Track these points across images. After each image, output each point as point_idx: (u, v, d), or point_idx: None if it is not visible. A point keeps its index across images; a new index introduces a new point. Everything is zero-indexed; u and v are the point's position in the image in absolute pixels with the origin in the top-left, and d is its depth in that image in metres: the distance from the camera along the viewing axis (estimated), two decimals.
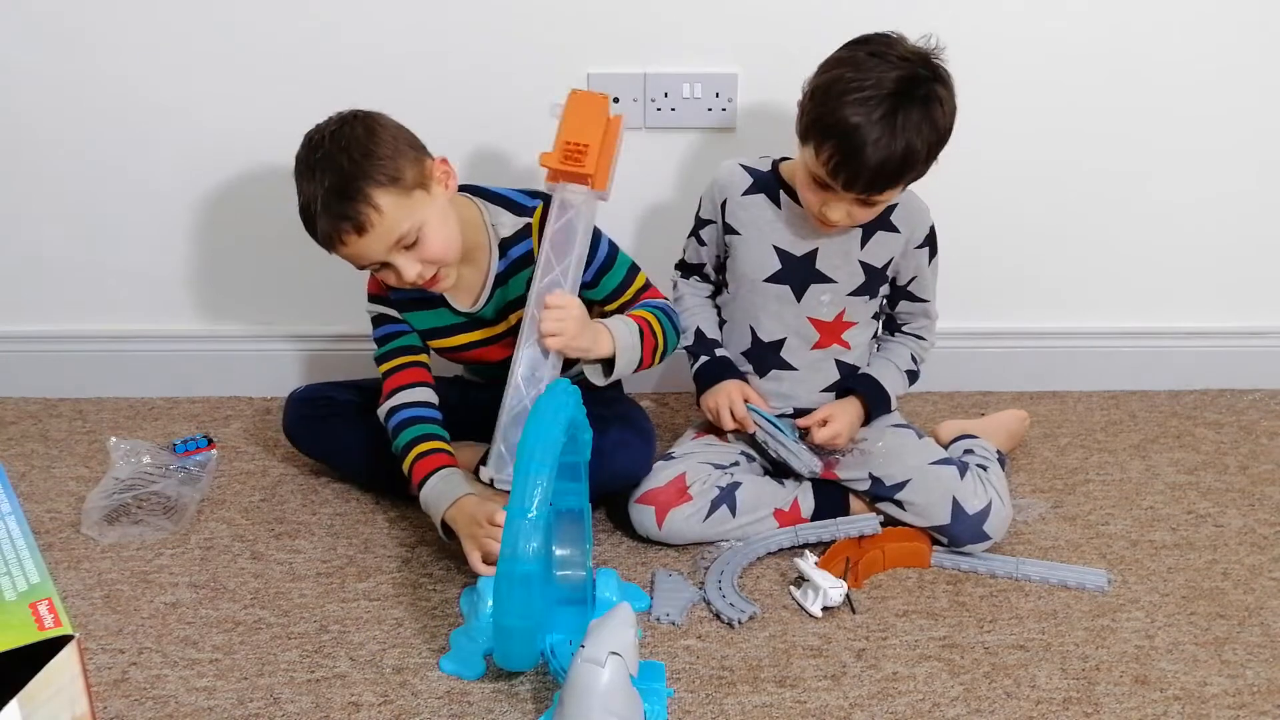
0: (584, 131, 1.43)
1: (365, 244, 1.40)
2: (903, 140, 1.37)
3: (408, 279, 1.43)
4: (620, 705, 1.14)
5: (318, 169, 1.39)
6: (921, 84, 1.39)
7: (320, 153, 1.40)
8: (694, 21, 1.76)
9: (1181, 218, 1.93)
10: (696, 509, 1.52)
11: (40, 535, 1.56)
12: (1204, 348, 2.00)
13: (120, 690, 1.28)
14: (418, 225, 1.41)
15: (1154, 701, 1.27)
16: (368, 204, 1.37)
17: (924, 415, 1.88)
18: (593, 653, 1.14)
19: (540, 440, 1.21)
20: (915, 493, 1.53)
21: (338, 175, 1.38)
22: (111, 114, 1.80)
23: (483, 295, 1.53)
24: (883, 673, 1.32)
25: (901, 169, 1.40)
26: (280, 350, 1.94)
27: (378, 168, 1.38)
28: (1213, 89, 1.85)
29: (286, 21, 1.76)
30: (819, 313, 1.58)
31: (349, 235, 1.39)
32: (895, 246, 1.57)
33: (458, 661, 1.31)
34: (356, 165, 1.38)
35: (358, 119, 1.43)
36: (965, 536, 1.51)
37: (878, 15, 1.73)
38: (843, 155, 1.39)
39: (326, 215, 1.38)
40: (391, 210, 1.39)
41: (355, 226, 1.38)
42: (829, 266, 1.56)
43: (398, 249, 1.41)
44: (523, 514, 1.18)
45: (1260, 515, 1.65)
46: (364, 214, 1.37)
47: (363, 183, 1.37)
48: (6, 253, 1.89)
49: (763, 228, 1.57)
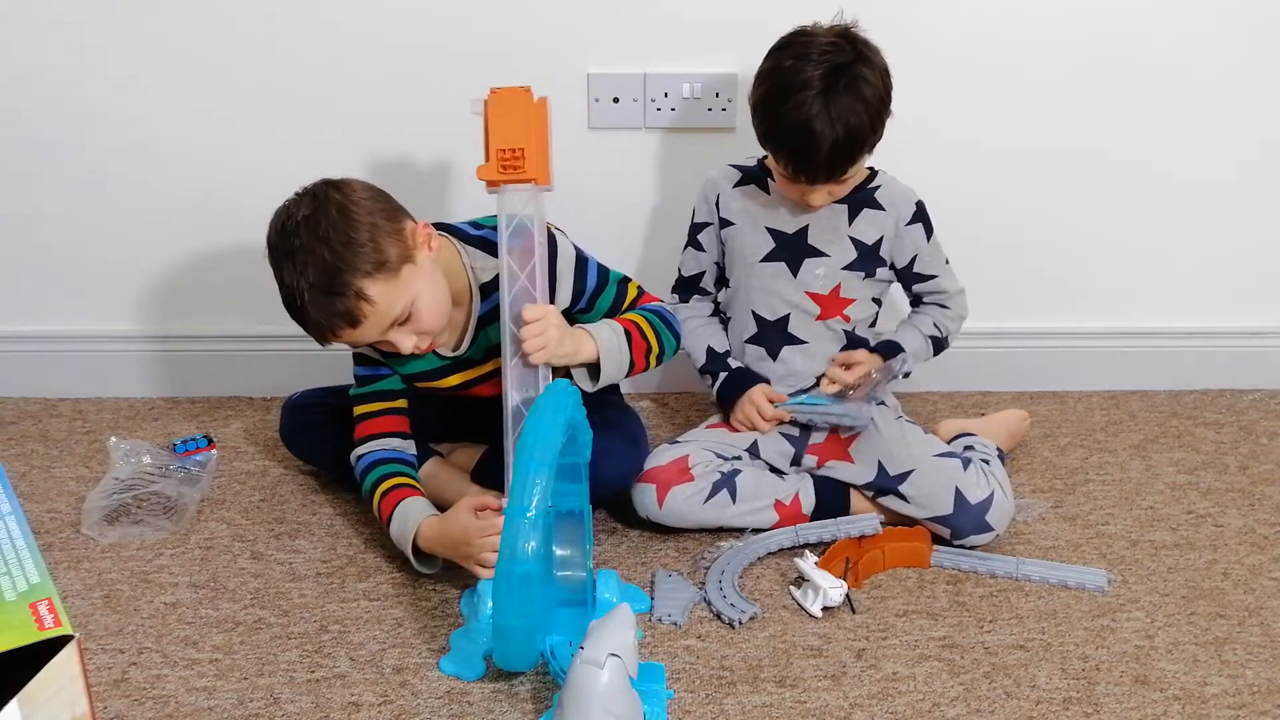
0: (515, 134, 1.38)
1: (360, 333, 1.38)
2: (842, 126, 1.45)
3: (405, 351, 1.41)
4: (619, 707, 1.14)
5: (297, 261, 1.34)
6: (844, 71, 1.47)
7: (297, 241, 1.35)
8: (694, 21, 1.76)
9: (1182, 218, 1.93)
10: (698, 489, 1.54)
11: (40, 535, 1.56)
12: (1204, 348, 2.00)
13: (120, 690, 1.28)
14: (409, 301, 1.38)
15: (1154, 701, 1.27)
16: (358, 298, 1.34)
17: (924, 415, 1.88)
18: (592, 654, 1.14)
19: (539, 439, 1.21)
20: (918, 483, 1.54)
21: (321, 271, 1.33)
22: (112, 114, 1.80)
23: (466, 338, 1.52)
24: (883, 673, 1.32)
25: (852, 148, 1.48)
26: (280, 350, 1.94)
27: (361, 257, 1.33)
28: (1213, 89, 1.85)
29: (287, 22, 1.76)
30: (814, 286, 1.62)
31: (342, 329, 1.37)
32: (885, 225, 1.62)
33: (457, 662, 1.31)
34: (339, 256, 1.33)
35: (330, 201, 1.36)
36: (968, 527, 1.51)
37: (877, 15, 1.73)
38: (797, 158, 1.49)
39: (316, 311, 1.35)
40: (383, 297, 1.35)
41: (348, 321, 1.35)
42: (821, 241, 1.61)
43: (393, 328, 1.39)
44: (521, 513, 1.17)
45: (1260, 515, 1.65)
46: (356, 308, 1.34)
47: (349, 276, 1.33)
48: (6, 253, 1.89)
49: (755, 213, 1.63)
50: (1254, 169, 1.90)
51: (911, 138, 1.81)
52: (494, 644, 1.24)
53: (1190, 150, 1.89)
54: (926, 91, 1.83)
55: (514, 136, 1.38)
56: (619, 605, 1.23)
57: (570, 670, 1.15)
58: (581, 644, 1.16)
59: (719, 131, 1.81)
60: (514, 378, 1.39)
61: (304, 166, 1.84)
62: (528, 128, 1.39)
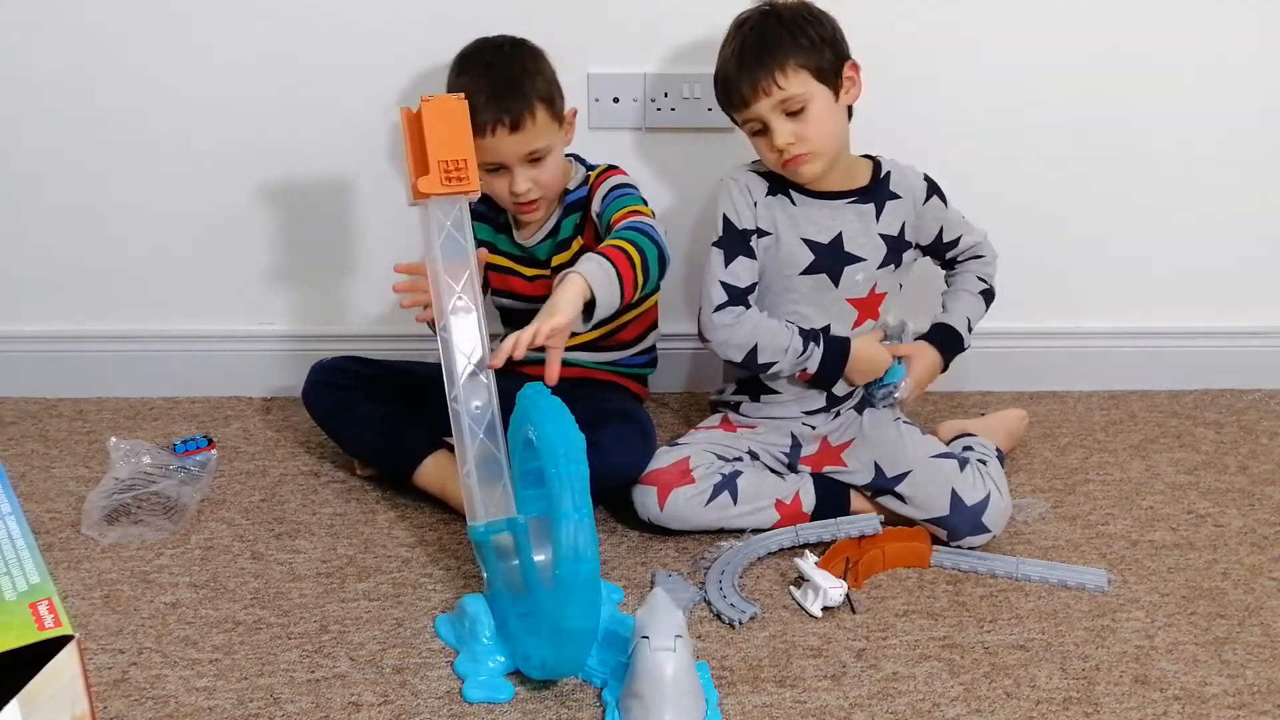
0: (454, 144, 1.36)
1: (509, 142, 1.53)
2: (752, 37, 1.51)
3: (518, 188, 1.56)
4: (692, 684, 1.21)
5: (490, 68, 1.55)
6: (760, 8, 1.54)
7: (491, 57, 1.57)
8: (694, 22, 1.76)
9: (1182, 218, 1.93)
10: (699, 491, 1.54)
11: (40, 535, 1.56)
12: (1204, 348, 2.00)
13: (120, 690, 1.28)
14: (548, 148, 1.57)
15: (1154, 701, 1.27)
16: (529, 109, 1.53)
17: (924, 415, 1.88)
18: (661, 641, 1.19)
19: (564, 439, 1.20)
20: (915, 484, 1.54)
21: (508, 79, 1.54)
22: (112, 114, 1.80)
23: (541, 233, 1.66)
24: (883, 673, 1.32)
25: (769, 53, 1.49)
26: (280, 350, 1.94)
27: (543, 84, 1.57)
28: (1214, 89, 1.85)
29: (287, 21, 1.76)
30: (855, 292, 1.61)
31: (501, 129, 1.52)
32: (904, 211, 1.62)
33: (484, 689, 1.27)
34: (528, 75, 1.56)
35: (526, 45, 1.60)
36: (964, 528, 1.51)
37: (878, 15, 1.74)
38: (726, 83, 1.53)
39: (491, 107, 1.51)
40: (542, 124, 1.55)
41: (512, 123, 1.52)
42: (856, 246, 1.59)
43: (525, 160, 1.56)
44: (575, 512, 1.16)
45: (1260, 515, 1.65)
46: (524, 116, 1.53)
47: (529, 91, 1.54)
48: (6, 253, 1.89)
49: (788, 225, 1.59)
50: (1254, 169, 1.91)
51: (912, 137, 1.81)
52: (551, 652, 1.22)
53: (1190, 150, 1.89)
54: (928, 92, 1.83)
55: (455, 147, 1.36)
56: (654, 591, 1.25)
57: (641, 660, 1.19)
58: (642, 634, 1.20)
59: (719, 131, 1.81)
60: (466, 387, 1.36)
61: (304, 167, 1.85)
62: (465, 137, 1.37)
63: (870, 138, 1.65)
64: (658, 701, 1.18)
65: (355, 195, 1.87)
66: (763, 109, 1.50)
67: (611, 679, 1.27)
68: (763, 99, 1.49)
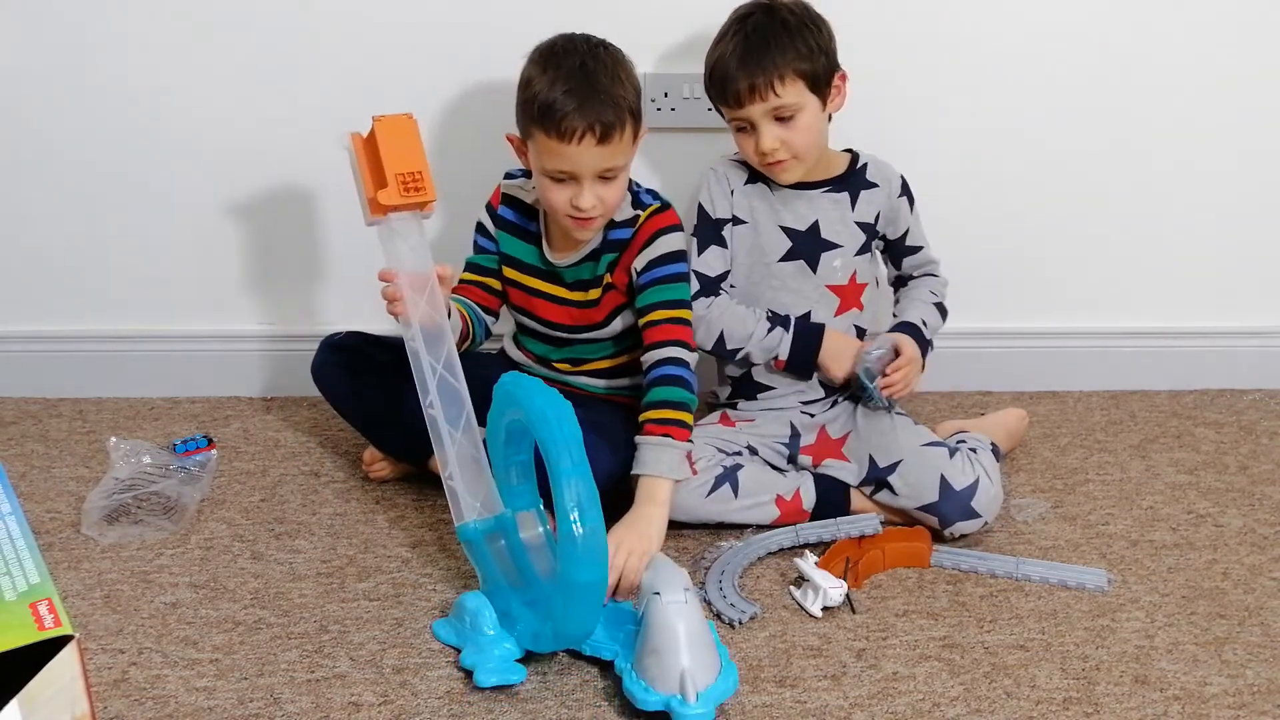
0: (409, 157, 1.39)
1: (592, 154, 1.46)
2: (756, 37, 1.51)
3: (584, 204, 1.49)
4: (705, 635, 1.24)
5: (584, 70, 1.46)
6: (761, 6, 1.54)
7: (580, 60, 1.47)
8: (694, 21, 1.76)
9: (1181, 217, 1.93)
10: (700, 483, 1.54)
11: (40, 535, 1.56)
12: (1204, 348, 2.00)
13: (120, 690, 1.28)
14: (621, 167, 1.51)
15: (1154, 701, 1.27)
16: (619, 124, 1.46)
17: (924, 415, 1.87)
18: (672, 595, 1.23)
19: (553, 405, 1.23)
20: (905, 473, 1.55)
21: (601, 87, 1.45)
22: (112, 114, 1.81)
23: (574, 256, 1.60)
24: (883, 673, 1.32)
25: (770, 58, 1.50)
26: (280, 350, 1.94)
27: (635, 98, 1.50)
28: (1214, 88, 1.85)
29: (287, 22, 1.76)
30: (834, 278, 1.63)
31: (589, 138, 1.45)
32: (880, 200, 1.65)
33: (497, 673, 1.27)
34: (619, 86, 1.47)
35: (617, 50, 1.52)
36: (954, 514, 1.52)
37: (877, 15, 1.74)
38: (721, 80, 1.54)
39: (583, 113, 1.44)
40: (624, 141, 1.48)
41: (602, 134, 1.45)
42: (832, 233, 1.63)
43: (599, 175, 1.49)
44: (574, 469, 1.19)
45: (1260, 515, 1.65)
46: (613, 129, 1.46)
47: (622, 104, 1.47)
48: (7, 253, 1.89)
49: (767, 212, 1.63)
50: (1254, 169, 1.91)
51: (911, 138, 1.81)
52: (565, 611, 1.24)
53: (1190, 150, 1.89)
54: (928, 91, 1.83)
55: (409, 160, 1.39)
56: (656, 555, 1.32)
57: (655, 613, 1.22)
58: (654, 590, 1.23)
59: (719, 132, 1.80)
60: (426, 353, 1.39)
61: (305, 167, 1.85)
62: (418, 151, 1.40)
63: (871, 137, 1.66)
64: (675, 652, 1.20)
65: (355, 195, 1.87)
66: (754, 112, 1.53)
67: (622, 649, 1.28)
68: (757, 103, 1.52)
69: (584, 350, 1.67)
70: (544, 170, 1.50)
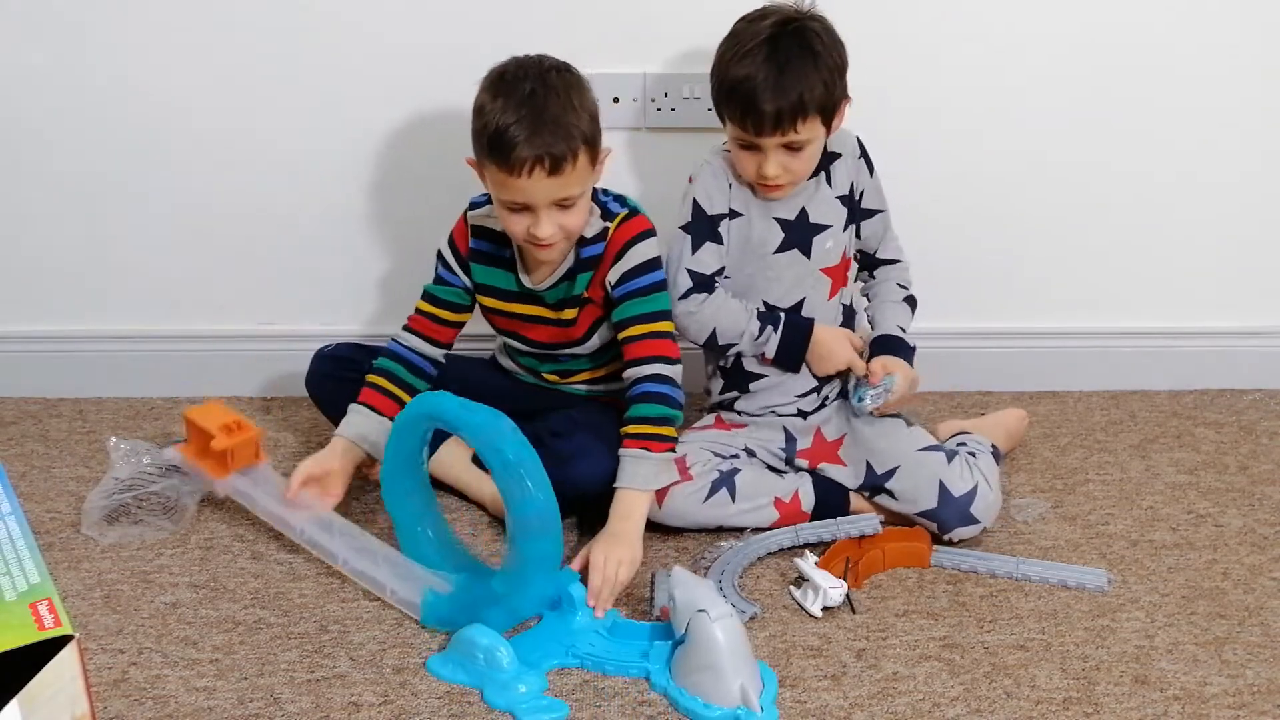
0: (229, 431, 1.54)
1: (544, 185, 1.42)
2: (790, 71, 1.46)
3: (542, 234, 1.45)
4: (746, 640, 1.26)
5: (533, 98, 1.41)
6: (791, 23, 1.49)
7: (531, 87, 1.42)
8: (694, 21, 1.75)
9: (1181, 217, 1.93)
10: (697, 488, 1.54)
11: (40, 535, 1.56)
12: (1204, 348, 2.00)
13: (120, 690, 1.28)
14: (580, 194, 1.46)
15: (1154, 701, 1.27)
16: (571, 154, 1.41)
17: (924, 415, 1.87)
18: (718, 610, 1.23)
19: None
20: (903, 479, 1.54)
21: (550, 116, 1.40)
22: (112, 114, 1.80)
23: (551, 279, 1.57)
24: (883, 673, 1.32)
25: (798, 94, 1.46)
26: (280, 350, 1.94)
27: (589, 124, 1.44)
28: (1213, 88, 1.85)
29: (287, 22, 1.76)
30: (827, 260, 1.62)
31: (539, 171, 1.41)
32: (848, 167, 1.64)
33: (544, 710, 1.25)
34: (572, 113, 1.42)
35: (572, 73, 1.46)
36: (953, 520, 1.52)
37: (878, 15, 1.74)
38: (745, 103, 1.48)
39: (531, 144, 1.39)
40: (580, 169, 1.43)
41: (552, 167, 1.41)
42: (820, 214, 1.61)
43: (556, 204, 1.45)
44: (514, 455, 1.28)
45: (1260, 515, 1.65)
46: (565, 161, 1.41)
47: (575, 133, 1.41)
48: (7, 253, 1.89)
49: (761, 205, 1.60)
50: (1254, 169, 1.90)
51: (912, 138, 1.81)
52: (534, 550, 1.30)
53: (1190, 150, 1.89)
54: (927, 92, 1.83)
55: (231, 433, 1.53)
56: (675, 570, 1.32)
57: (704, 633, 1.22)
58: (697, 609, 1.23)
59: (719, 132, 1.80)
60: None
61: (305, 167, 1.85)
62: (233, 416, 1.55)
63: (870, 138, 1.65)
64: (734, 667, 1.22)
65: (355, 195, 1.87)
66: (768, 141, 1.51)
67: (655, 666, 1.28)
68: (776, 136, 1.49)
69: (570, 364, 1.66)
70: (499, 200, 1.48)
